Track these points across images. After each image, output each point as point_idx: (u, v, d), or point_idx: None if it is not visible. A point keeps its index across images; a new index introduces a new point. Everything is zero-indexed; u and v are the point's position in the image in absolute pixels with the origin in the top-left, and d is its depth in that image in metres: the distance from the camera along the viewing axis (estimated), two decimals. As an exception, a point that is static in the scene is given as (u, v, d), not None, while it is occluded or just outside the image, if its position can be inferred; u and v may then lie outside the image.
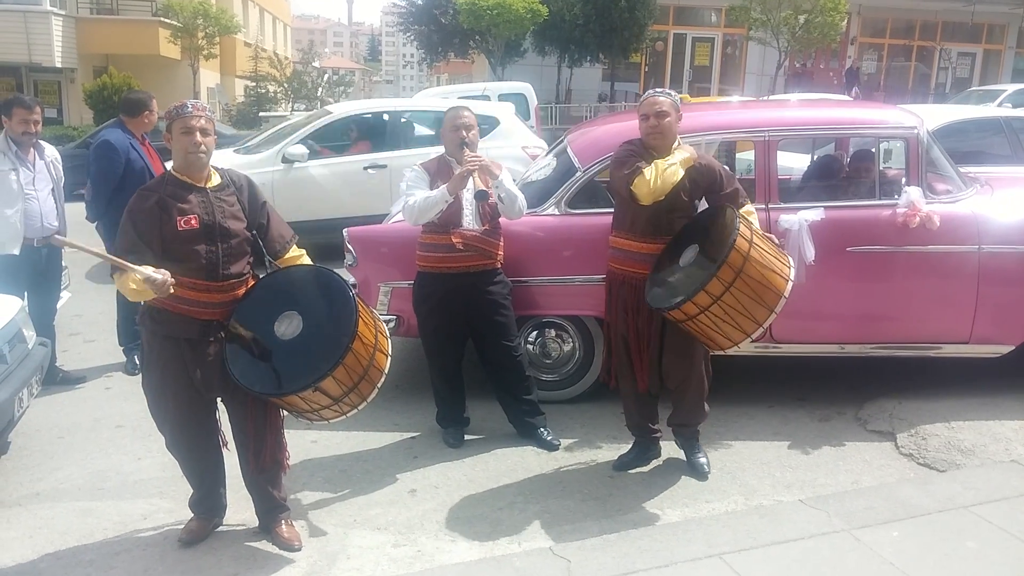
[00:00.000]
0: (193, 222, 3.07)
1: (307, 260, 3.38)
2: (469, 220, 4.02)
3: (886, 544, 3.16)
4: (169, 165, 3.24)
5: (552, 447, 4.20)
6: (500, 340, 4.16)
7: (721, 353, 3.68)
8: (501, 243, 4.16)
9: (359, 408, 3.16)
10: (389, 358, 3.21)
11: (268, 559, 3.29)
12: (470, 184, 3.94)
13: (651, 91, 3.76)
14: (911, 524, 3.32)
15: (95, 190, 5.19)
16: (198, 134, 3.07)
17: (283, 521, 3.40)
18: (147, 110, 5.24)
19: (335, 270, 3.29)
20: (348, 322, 3.02)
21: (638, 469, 4.01)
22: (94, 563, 3.26)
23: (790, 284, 3.40)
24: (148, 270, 2.94)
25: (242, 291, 3.21)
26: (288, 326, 3.09)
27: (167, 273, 2.97)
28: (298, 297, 3.17)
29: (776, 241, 3.70)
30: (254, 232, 3.25)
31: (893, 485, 3.76)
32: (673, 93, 3.75)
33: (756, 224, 3.65)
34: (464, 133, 4.00)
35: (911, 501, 3.50)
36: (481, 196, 3.88)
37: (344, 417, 3.19)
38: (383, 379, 3.17)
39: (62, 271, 5.33)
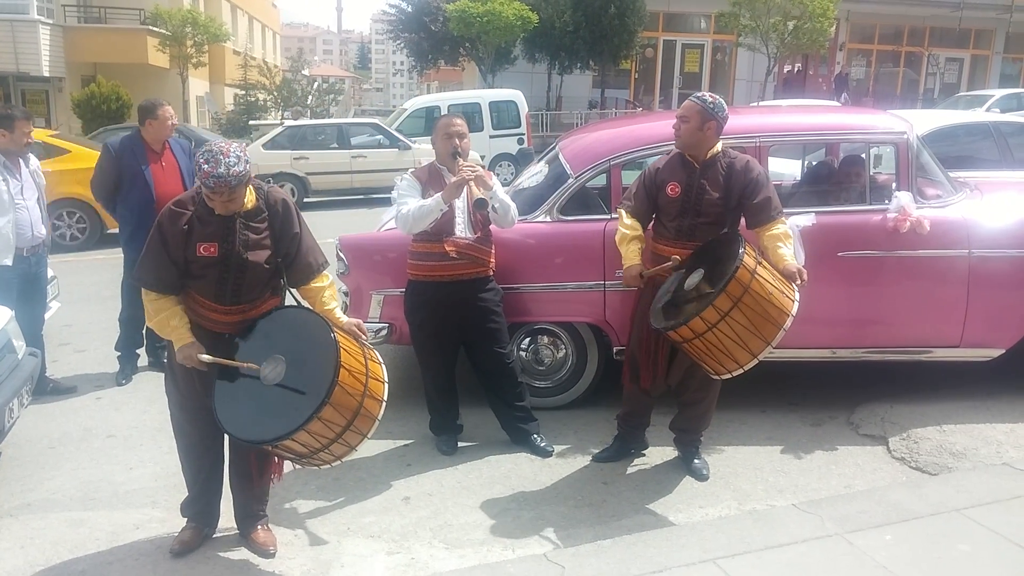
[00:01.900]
0: (212, 250, 3.03)
1: (330, 291, 3.28)
2: (462, 228, 4.02)
3: (879, 548, 3.17)
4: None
5: (545, 453, 4.20)
6: (492, 347, 4.16)
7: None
8: (493, 250, 4.16)
9: (332, 465, 3.11)
10: (370, 431, 3.05)
11: (262, 567, 3.27)
12: (463, 192, 3.95)
13: (694, 94, 3.76)
14: (904, 528, 3.33)
15: (93, 188, 5.45)
16: (218, 205, 3.00)
17: (259, 527, 3.40)
18: (149, 118, 5.20)
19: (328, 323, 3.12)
20: (320, 393, 2.86)
21: (627, 469, 4.03)
22: (86, 573, 3.24)
23: (790, 319, 3.37)
24: (191, 348, 3.06)
25: (255, 313, 3.17)
26: (273, 371, 2.99)
27: (201, 350, 3.06)
28: (289, 342, 3.06)
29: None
30: (279, 259, 3.19)
31: (885, 489, 3.78)
32: (710, 98, 3.65)
33: (792, 236, 3.63)
34: (456, 142, 4.01)
35: (903, 505, 3.51)
36: (480, 205, 3.87)
37: (317, 467, 3.15)
38: (361, 441, 3.05)
39: (49, 281, 5.31)
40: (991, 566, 3.06)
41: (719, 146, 3.72)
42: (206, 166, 2.90)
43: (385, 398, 3.11)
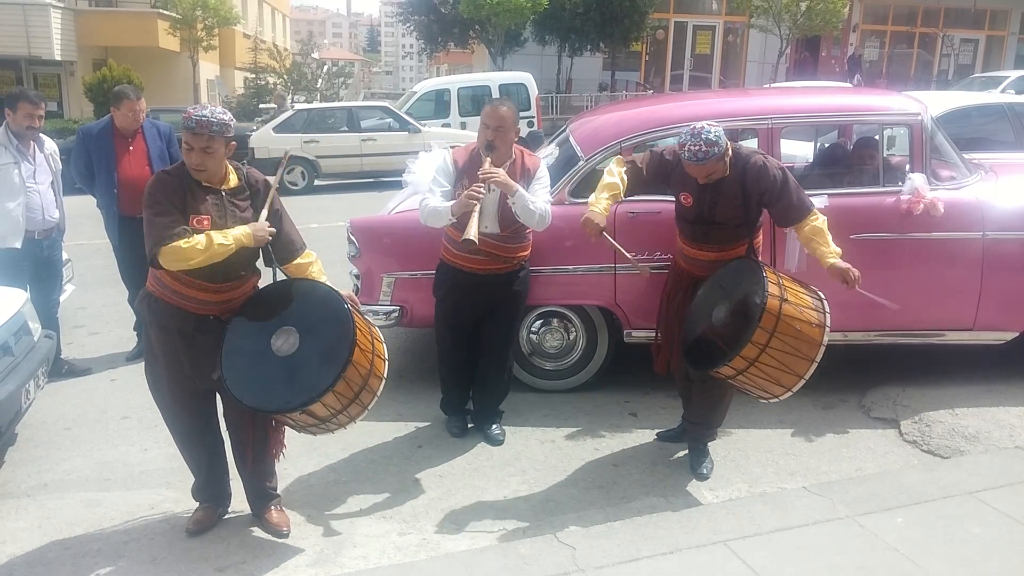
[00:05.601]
0: (205, 223, 3.03)
1: (317, 267, 3.33)
2: (489, 223, 3.89)
3: (890, 530, 3.17)
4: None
5: (497, 442, 4.18)
6: (495, 334, 4.15)
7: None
8: (522, 245, 4.04)
9: (345, 427, 3.18)
10: (380, 387, 3.16)
11: (276, 546, 3.30)
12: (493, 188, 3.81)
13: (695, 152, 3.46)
14: (915, 510, 3.33)
15: (72, 173, 5.39)
16: (195, 155, 3.00)
17: (272, 507, 3.43)
18: (114, 107, 5.23)
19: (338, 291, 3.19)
20: (340, 359, 2.92)
21: (637, 452, 4.03)
22: (102, 552, 3.28)
23: (826, 332, 3.34)
24: (258, 226, 3.09)
25: (240, 292, 3.20)
26: (285, 342, 3.03)
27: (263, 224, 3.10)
28: (299, 314, 3.10)
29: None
30: None
31: (897, 472, 3.77)
32: (712, 136, 3.42)
33: (824, 224, 3.58)
34: (491, 135, 3.78)
35: (915, 487, 3.51)
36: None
37: (331, 432, 3.21)
38: (362, 413, 3.13)
39: (64, 264, 5.34)
40: (1003, 548, 3.06)
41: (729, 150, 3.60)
42: (190, 109, 2.99)
43: (385, 375, 3.19)
